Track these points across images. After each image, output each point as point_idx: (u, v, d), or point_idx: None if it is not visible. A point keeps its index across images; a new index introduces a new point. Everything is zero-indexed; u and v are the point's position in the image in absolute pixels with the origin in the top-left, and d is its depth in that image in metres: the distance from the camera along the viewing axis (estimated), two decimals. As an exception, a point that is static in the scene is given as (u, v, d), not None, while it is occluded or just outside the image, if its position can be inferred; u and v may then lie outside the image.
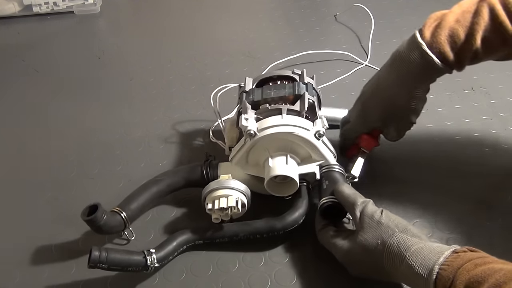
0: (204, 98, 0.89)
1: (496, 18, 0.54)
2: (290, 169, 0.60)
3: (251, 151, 0.63)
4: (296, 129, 0.60)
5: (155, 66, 1.02)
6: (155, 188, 0.64)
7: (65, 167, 0.77)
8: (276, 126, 0.60)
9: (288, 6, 1.21)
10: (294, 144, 0.61)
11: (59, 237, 0.65)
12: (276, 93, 0.64)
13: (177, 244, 0.59)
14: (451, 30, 0.56)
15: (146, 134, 0.82)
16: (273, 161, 0.61)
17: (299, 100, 0.63)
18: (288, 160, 0.61)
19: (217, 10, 1.22)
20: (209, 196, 0.60)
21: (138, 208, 0.62)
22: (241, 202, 0.60)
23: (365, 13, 1.04)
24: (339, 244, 0.55)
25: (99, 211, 0.56)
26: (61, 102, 0.93)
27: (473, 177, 0.69)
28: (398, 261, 0.48)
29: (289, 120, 0.60)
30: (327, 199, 0.59)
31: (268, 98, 0.64)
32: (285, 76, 0.69)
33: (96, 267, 0.53)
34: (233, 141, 0.69)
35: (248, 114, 0.62)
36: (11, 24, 1.21)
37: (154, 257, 0.56)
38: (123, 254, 0.55)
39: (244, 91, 0.68)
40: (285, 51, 0.96)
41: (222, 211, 0.59)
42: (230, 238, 0.61)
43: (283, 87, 0.65)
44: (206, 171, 0.65)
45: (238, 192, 0.60)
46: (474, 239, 0.60)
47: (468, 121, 0.79)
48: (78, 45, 1.13)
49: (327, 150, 0.62)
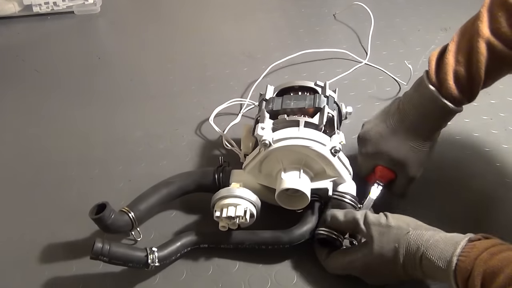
0: (204, 98, 0.89)
1: (495, 51, 0.54)
2: (303, 184, 0.58)
3: (265, 161, 0.62)
4: (312, 143, 0.58)
5: (155, 66, 1.02)
6: (166, 190, 0.64)
7: (65, 167, 0.77)
8: (292, 139, 0.59)
9: (288, 6, 1.21)
10: (309, 158, 0.60)
11: (59, 237, 0.65)
12: (295, 104, 0.63)
13: (181, 245, 0.59)
14: (455, 72, 0.56)
15: (146, 134, 0.82)
16: (285, 173, 0.60)
17: (319, 113, 0.62)
18: (301, 174, 0.59)
19: (217, 10, 1.22)
20: (218, 203, 0.60)
21: (147, 209, 0.62)
22: (250, 212, 0.59)
23: (365, 13, 1.04)
24: (354, 261, 0.55)
25: (107, 210, 0.56)
26: (61, 102, 0.93)
27: (473, 177, 0.69)
28: (417, 257, 0.49)
29: (306, 133, 0.59)
30: (322, 230, 0.58)
31: (287, 108, 0.63)
32: (306, 87, 0.68)
33: (98, 259, 0.54)
34: (248, 149, 0.68)
35: (265, 123, 0.61)
36: (11, 24, 1.21)
37: (156, 256, 0.56)
38: (125, 249, 0.56)
39: (264, 99, 0.67)
40: (285, 51, 0.96)
41: (230, 220, 0.59)
42: (235, 246, 0.61)
43: (304, 99, 0.64)
44: (218, 177, 0.64)
45: (247, 202, 0.59)
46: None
47: (468, 121, 0.79)
48: (78, 45, 1.13)
49: (342, 167, 0.61)
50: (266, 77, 0.92)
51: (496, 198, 0.67)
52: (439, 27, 1.03)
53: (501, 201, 0.67)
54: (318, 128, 0.60)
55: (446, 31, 1.02)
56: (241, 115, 0.83)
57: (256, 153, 0.62)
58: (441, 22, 1.05)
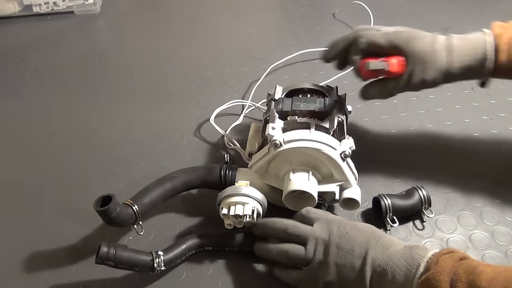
0: (204, 98, 0.89)
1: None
2: (311, 186, 0.58)
3: (273, 161, 0.61)
4: (323, 146, 0.58)
5: (155, 66, 1.02)
6: (170, 184, 0.63)
7: (65, 167, 0.77)
8: (303, 140, 0.58)
9: (288, 6, 1.21)
10: (318, 160, 0.60)
11: (59, 237, 0.65)
12: (305, 106, 0.63)
13: (186, 248, 0.59)
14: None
15: (146, 134, 0.82)
16: (294, 175, 0.59)
17: (329, 117, 0.62)
18: (310, 177, 0.59)
19: (217, 10, 1.22)
20: (225, 201, 0.59)
21: (150, 203, 0.61)
22: (257, 212, 0.59)
23: (365, 12, 1.04)
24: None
25: (112, 203, 0.55)
26: (61, 102, 0.93)
27: (473, 176, 0.69)
28: None
29: (317, 136, 0.59)
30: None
31: (297, 110, 0.63)
32: (316, 90, 0.68)
33: (103, 263, 0.53)
34: (254, 148, 0.68)
35: (275, 123, 0.61)
36: (11, 24, 1.21)
37: (162, 259, 0.56)
38: (131, 253, 0.55)
39: (273, 99, 0.67)
40: (285, 51, 0.96)
41: (237, 218, 0.59)
42: (240, 248, 0.61)
43: (313, 101, 0.64)
44: (224, 174, 0.64)
45: (255, 201, 0.59)
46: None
47: (468, 121, 0.79)
48: (78, 45, 1.13)
49: (350, 172, 0.61)
50: (266, 77, 0.92)
51: (496, 198, 0.67)
52: (439, 27, 1.02)
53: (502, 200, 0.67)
54: (328, 132, 0.60)
55: (446, 31, 1.02)
56: (243, 115, 0.83)
57: (265, 152, 0.61)
58: (441, 22, 1.05)
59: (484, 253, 0.59)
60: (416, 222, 0.63)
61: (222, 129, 0.78)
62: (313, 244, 0.53)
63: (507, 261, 0.58)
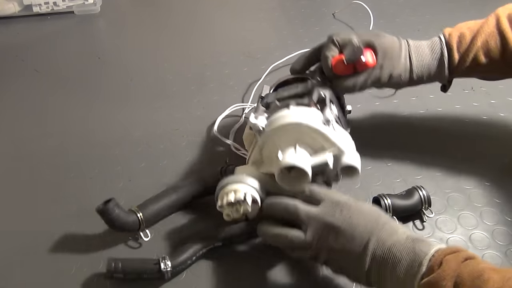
0: (204, 98, 0.89)
1: (499, 26, 0.63)
2: (298, 158, 0.56)
3: (264, 148, 0.61)
4: (301, 118, 0.57)
5: (155, 66, 1.02)
6: (175, 196, 0.65)
7: (65, 167, 0.77)
8: (281, 118, 0.58)
9: (288, 6, 1.21)
10: (306, 135, 0.58)
11: (58, 237, 0.65)
12: (288, 92, 0.64)
13: (193, 250, 0.59)
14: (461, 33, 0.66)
15: (145, 134, 0.82)
16: (281, 153, 0.58)
17: (308, 93, 0.63)
18: (297, 150, 0.57)
19: (217, 10, 1.22)
20: (220, 194, 0.59)
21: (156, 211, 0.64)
22: (251, 197, 0.57)
23: (365, 12, 1.04)
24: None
25: (111, 203, 0.57)
26: (60, 102, 0.93)
27: (473, 176, 0.69)
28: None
29: (295, 112, 0.59)
30: None
31: (280, 97, 0.64)
32: (300, 78, 0.68)
33: (113, 277, 0.56)
34: (250, 145, 0.68)
35: (258, 113, 0.62)
36: (11, 24, 1.21)
37: (169, 264, 0.57)
38: (136, 263, 0.57)
39: (260, 96, 0.68)
40: (285, 51, 0.96)
41: (232, 207, 0.58)
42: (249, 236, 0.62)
43: (295, 87, 0.65)
44: (224, 174, 0.65)
45: (247, 186, 0.58)
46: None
47: (468, 121, 0.79)
48: (78, 45, 1.13)
49: (337, 137, 0.58)
50: (266, 77, 0.92)
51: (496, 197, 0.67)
52: (439, 27, 1.02)
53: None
54: (309, 105, 0.60)
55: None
56: (243, 117, 0.83)
57: (254, 142, 0.62)
58: (441, 22, 1.04)
59: (484, 253, 0.59)
60: (416, 222, 0.63)
61: (225, 133, 0.78)
62: (313, 229, 0.52)
63: (507, 261, 0.58)
